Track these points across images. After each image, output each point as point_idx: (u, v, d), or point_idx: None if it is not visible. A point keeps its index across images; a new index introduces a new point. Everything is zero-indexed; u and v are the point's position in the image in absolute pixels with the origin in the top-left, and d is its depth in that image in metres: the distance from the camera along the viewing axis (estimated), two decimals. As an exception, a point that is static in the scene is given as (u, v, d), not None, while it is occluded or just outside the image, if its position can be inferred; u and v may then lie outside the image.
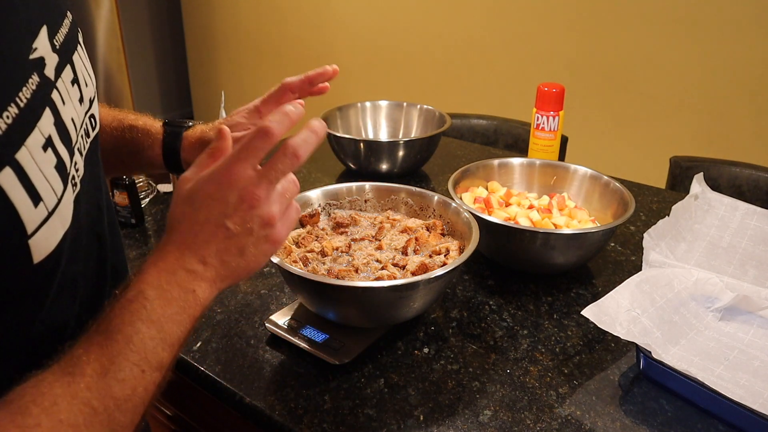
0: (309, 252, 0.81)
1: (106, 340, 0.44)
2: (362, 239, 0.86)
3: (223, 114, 1.12)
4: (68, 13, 0.53)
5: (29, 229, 0.41)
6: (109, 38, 2.98)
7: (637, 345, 0.72)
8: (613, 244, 1.05)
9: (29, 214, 0.41)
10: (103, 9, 2.90)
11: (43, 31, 0.47)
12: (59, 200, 0.44)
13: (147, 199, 1.18)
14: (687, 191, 1.30)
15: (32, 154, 0.41)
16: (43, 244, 0.43)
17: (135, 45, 3.63)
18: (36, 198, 0.42)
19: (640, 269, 0.90)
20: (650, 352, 0.70)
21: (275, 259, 0.73)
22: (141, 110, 0.82)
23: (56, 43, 0.48)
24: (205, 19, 3.47)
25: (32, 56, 0.44)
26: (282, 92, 0.76)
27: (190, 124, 0.79)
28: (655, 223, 0.94)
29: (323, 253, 0.81)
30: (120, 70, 3.05)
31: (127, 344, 0.44)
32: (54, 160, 0.44)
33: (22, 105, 0.41)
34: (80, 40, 0.55)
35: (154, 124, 0.79)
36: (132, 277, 0.49)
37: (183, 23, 3.63)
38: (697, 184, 1.01)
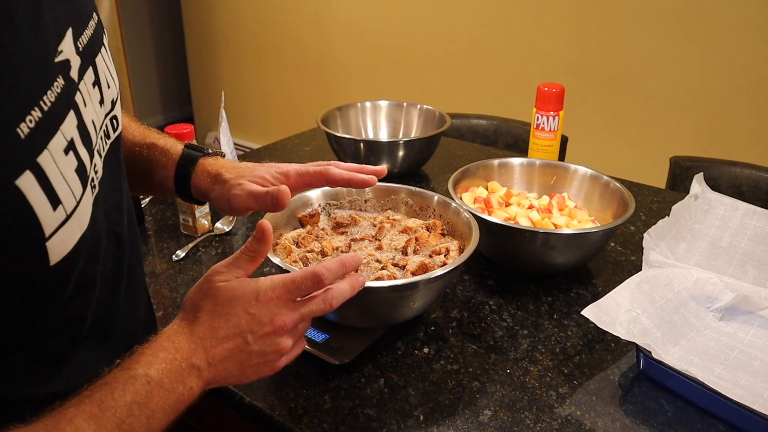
0: (309, 252, 0.81)
1: (100, 412, 0.45)
2: (362, 239, 0.86)
3: (223, 114, 1.12)
4: (94, 15, 0.53)
5: (47, 232, 0.41)
6: (109, 38, 2.97)
7: (637, 345, 0.72)
8: (613, 244, 1.05)
9: (47, 216, 0.41)
10: (103, 9, 2.90)
11: (69, 33, 0.47)
12: (78, 203, 0.45)
13: (147, 199, 1.18)
14: (687, 191, 1.30)
15: (54, 158, 0.42)
16: (60, 247, 0.43)
17: (135, 45, 3.63)
18: (55, 201, 0.42)
19: (640, 269, 0.90)
20: (650, 352, 0.70)
21: (275, 260, 0.73)
22: (141, 110, 0.80)
23: (80, 45, 0.49)
24: (205, 19, 3.46)
25: (58, 59, 0.44)
26: (321, 178, 0.72)
27: (210, 151, 0.75)
28: (655, 223, 0.94)
29: (323, 253, 0.81)
30: (120, 70, 3.05)
31: (118, 425, 0.45)
32: (75, 163, 0.44)
33: (46, 108, 0.41)
34: (104, 42, 0.55)
35: (175, 146, 0.74)
36: (141, 349, 0.50)
37: (183, 23, 3.63)
38: (697, 184, 1.01)
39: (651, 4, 1.99)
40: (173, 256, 1.00)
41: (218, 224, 1.09)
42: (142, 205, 1.13)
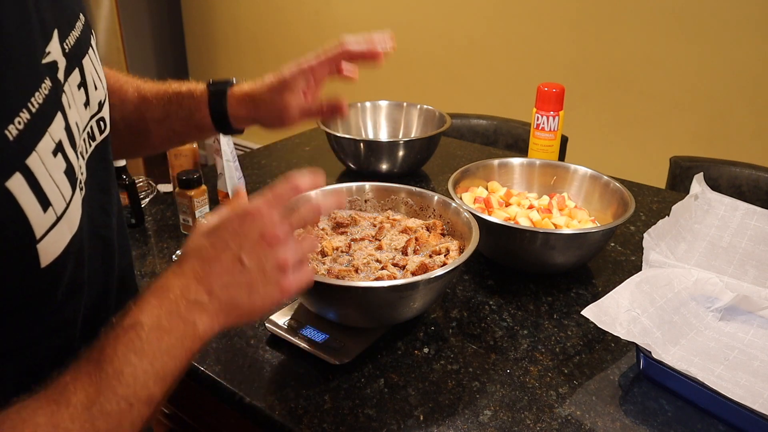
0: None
1: (96, 370, 0.43)
2: (362, 239, 0.86)
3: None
4: (81, 16, 0.53)
5: (38, 234, 0.41)
6: (109, 38, 2.98)
7: (637, 345, 0.72)
8: (613, 244, 1.05)
9: (38, 219, 0.41)
10: (103, 9, 2.90)
11: (55, 35, 0.47)
12: (68, 205, 0.44)
13: (147, 199, 1.18)
14: (687, 191, 1.30)
15: (43, 160, 0.42)
16: (50, 249, 0.43)
17: (135, 45, 3.63)
18: (45, 203, 0.42)
19: (640, 269, 0.90)
20: (650, 352, 0.70)
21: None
22: None
23: (66, 47, 0.48)
24: (205, 19, 3.46)
25: (45, 60, 0.44)
26: (338, 57, 0.75)
27: (234, 81, 0.77)
28: (655, 223, 0.94)
29: (323, 253, 0.81)
30: (120, 70, 3.05)
31: (117, 377, 0.43)
32: (64, 165, 0.44)
33: (34, 110, 0.41)
34: (93, 43, 0.55)
35: (198, 87, 0.77)
36: (131, 304, 0.48)
37: (183, 23, 3.63)
38: (697, 184, 1.01)
39: (651, 4, 1.99)
40: (173, 256, 1.00)
41: (218, 224, 1.09)
42: (142, 205, 1.13)
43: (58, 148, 0.44)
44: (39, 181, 0.41)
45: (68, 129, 0.46)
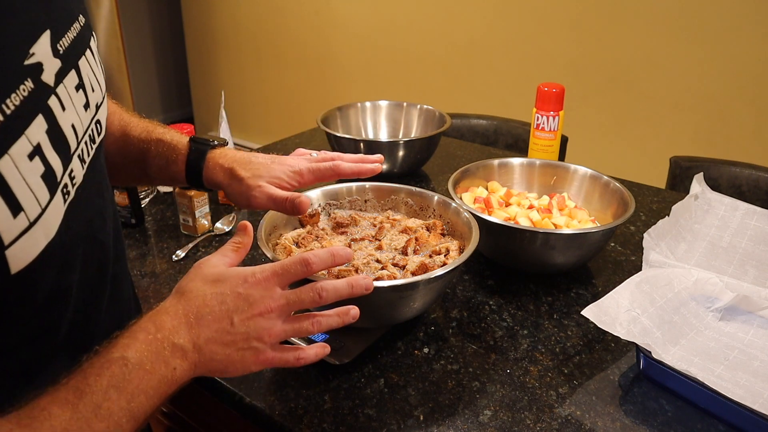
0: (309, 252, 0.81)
1: (75, 398, 0.43)
2: (362, 239, 0.86)
3: (223, 114, 1.12)
4: (80, 17, 0.52)
5: (6, 240, 0.40)
6: (109, 38, 2.98)
7: (637, 345, 0.72)
8: (613, 244, 1.05)
9: (7, 224, 0.40)
10: (103, 9, 2.90)
11: (45, 36, 0.46)
12: (43, 210, 0.43)
13: (147, 199, 1.18)
14: (687, 191, 1.30)
15: (16, 163, 0.40)
16: (21, 255, 0.41)
17: (135, 45, 3.63)
18: (16, 208, 0.40)
19: (640, 269, 0.90)
20: (650, 352, 0.70)
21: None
22: (141, 110, 0.81)
23: (60, 48, 0.47)
24: (205, 19, 3.47)
25: (28, 62, 0.43)
26: (327, 173, 0.78)
27: (216, 143, 0.78)
28: (655, 223, 0.94)
29: (323, 253, 0.81)
30: (120, 70, 3.06)
31: (95, 411, 0.43)
32: (41, 168, 0.43)
33: (8, 112, 0.40)
34: (91, 44, 0.54)
35: (181, 140, 0.77)
36: (119, 334, 0.48)
37: (183, 23, 3.63)
38: (697, 184, 1.01)
39: (651, 4, 1.99)
40: (173, 256, 1.00)
41: (218, 224, 1.09)
42: (142, 205, 1.13)
43: (36, 152, 0.42)
44: (10, 185, 0.40)
45: (54, 132, 0.45)
